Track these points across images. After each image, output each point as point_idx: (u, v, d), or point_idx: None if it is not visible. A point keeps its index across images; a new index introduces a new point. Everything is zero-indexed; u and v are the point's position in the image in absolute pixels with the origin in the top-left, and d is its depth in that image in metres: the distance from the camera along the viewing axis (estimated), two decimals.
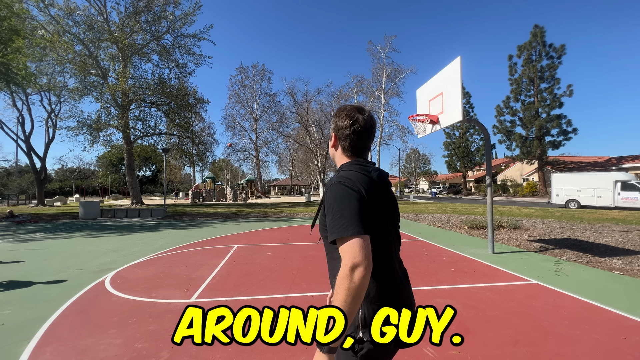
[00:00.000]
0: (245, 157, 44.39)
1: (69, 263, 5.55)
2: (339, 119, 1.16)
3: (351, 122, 1.13)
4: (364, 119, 1.14)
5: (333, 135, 1.20)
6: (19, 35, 14.80)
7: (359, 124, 1.13)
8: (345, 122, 1.14)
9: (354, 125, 1.12)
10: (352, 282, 0.89)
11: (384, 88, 34.86)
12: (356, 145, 1.15)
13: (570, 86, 28.93)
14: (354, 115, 1.14)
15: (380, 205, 1.07)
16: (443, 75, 6.15)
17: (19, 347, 2.55)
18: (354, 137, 1.14)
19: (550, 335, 2.73)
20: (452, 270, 4.93)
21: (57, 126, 22.50)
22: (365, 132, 1.14)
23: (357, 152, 1.17)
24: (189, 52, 23.69)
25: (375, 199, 1.06)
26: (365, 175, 1.08)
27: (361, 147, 1.16)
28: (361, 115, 1.14)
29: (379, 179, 1.11)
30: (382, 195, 1.10)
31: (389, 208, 1.12)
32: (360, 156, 1.17)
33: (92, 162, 60.02)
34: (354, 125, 1.12)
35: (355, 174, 1.08)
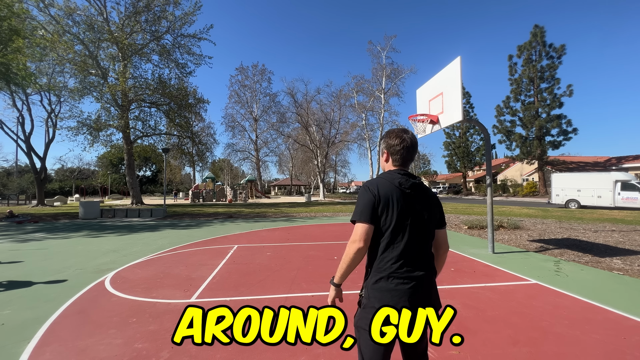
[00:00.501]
0: (245, 157, 44.41)
1: (69, 263, 5.55)
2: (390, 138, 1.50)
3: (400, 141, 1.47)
4: (409, 138, 1.48)
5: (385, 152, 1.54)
6: (19, 35, 14.79)
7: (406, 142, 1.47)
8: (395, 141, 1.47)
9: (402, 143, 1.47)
10: (348, 251, 1.37)
11: (384, 88, 34.84)
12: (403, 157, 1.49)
13: (570, 86, 28.93)
14: (402, 136, 1.48)
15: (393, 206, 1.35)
16: (443, 75, 6.15)
17: (19, 347, 2.55)
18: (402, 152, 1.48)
19: (550, 335, 2.73)
20: (452, 270, 4.93)
21: (57, 126, 22.51)
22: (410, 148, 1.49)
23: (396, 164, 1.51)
24: (189, 52, 23.70)
25: (389, 200, 1.35)
26: (388, 181, 1.40)
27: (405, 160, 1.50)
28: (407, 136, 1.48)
29: (401, 185, 1.39)
30: (403, 200, 1.37)
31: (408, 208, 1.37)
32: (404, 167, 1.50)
33: (92, 162, 60.11)
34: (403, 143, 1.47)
35: (379, 179, 1.44)
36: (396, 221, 1.34)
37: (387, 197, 1.35)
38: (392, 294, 1.33)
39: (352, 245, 1.34)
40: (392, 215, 1.34)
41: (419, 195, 1.42)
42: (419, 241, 1.39)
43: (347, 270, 1.40)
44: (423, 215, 1.40)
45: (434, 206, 1.46)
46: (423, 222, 1.40)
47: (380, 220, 1.36)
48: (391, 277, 1.34)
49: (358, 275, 4.76)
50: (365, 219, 1.34)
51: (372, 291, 1.38)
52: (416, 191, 1.41)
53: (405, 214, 1.36)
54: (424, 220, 1.40)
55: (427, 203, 1.43)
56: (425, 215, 1.41)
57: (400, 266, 1.34)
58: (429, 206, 1.43)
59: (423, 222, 1.40)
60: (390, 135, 1.50)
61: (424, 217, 1.40)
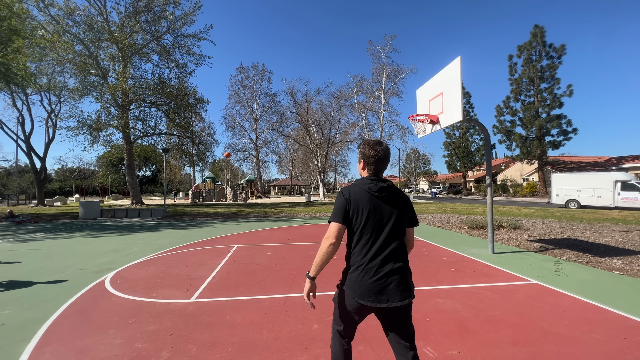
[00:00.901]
0: (245, 157, 44.37)
1: (69, 263, 5.55)
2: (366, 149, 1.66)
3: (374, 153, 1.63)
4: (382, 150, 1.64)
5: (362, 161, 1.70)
6: (19, 35, 14.78)
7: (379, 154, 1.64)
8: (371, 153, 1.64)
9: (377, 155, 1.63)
10: (323, 246, 1.57)
11: (384, 88, 34.83)
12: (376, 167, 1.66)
13: (570, 86, 28.92)
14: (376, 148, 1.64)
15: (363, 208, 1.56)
16: (443, 75, 6.15)
17: (19, 347, 2.55)
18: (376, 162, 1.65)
19: (550, 335, 2.73)
20: (452, 270, 4.93)
21: (57, 126, 22.50)
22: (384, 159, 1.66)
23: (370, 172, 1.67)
24: (189, 52, 23.69)
25: (360, 204, 1.57)
26: (360, 187, 1.61)
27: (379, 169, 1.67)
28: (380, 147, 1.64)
29: (370, 190, 1.58)
30: (372, 203, 1.57)
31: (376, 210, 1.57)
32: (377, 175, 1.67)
33: (92, 162, 60.04)
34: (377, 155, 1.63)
35: (352, 186, 1.65)
36: (365, 221, 1.55)
37: (358, 201, 1.57)
38: (364, 286, 1.53)
39: (326, 242, 1.56)
40: (362, 216, 1.56)
41: (388, 198, 1.61)
42: (388, 238, 1.57)
43: (322, 264, 1.58)
44: (392, 215, 1.59)
45: (405, 207, 1.64)
46: (392, 221, 1.58)
47: (353, 221, 1.58)
48: (363, 270, 1.55)
49: None
50: (338, 220, 1.57)
51: (348, 281, 1.61)
52: (386, 194, 1.60)
53: (374, 215, 1.56)
54: (392, 220, 1.58)
55: (397, 204, 1.62)
56: (394, 215, 1.59)
57: (371, 260, 1.54)
58: (399, 207, 1.62)
59: (392, 221, 1.58)
60: (366, 147, 1.67)
61: (392, 217, 1.59)
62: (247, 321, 3.04)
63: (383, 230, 1.57)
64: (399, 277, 1.55)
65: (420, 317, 3.10)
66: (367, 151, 1.65)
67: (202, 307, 3.41)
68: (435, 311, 3.25)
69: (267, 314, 3.22)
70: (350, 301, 1.59)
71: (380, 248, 1.55)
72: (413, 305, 1.63)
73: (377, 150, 1.63)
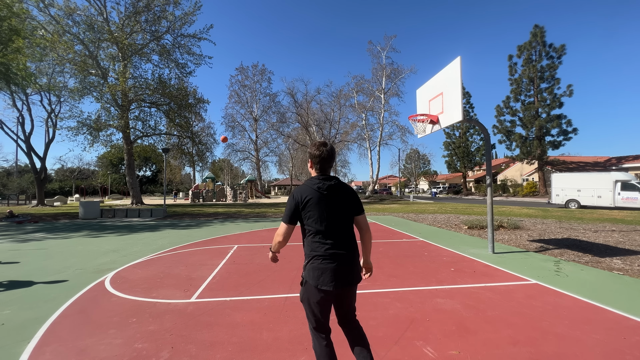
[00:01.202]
0: (245, 157, 44.36)
1: (69, 263, 5.55)
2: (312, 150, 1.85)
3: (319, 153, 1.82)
4: (326, 151, 1.82)
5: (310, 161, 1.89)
6: (19, 35, 14.78)
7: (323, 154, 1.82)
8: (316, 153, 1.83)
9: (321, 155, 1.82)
10: (274, 241, 1.85)
11: (384, 88, 34.84)
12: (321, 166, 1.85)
13: (570, 86, 28.92)
14: (321, 149, 1.83)
15: (314, 205, 1.74)
16: (443, 75, 6.15)
17: (19, 347, 2.55)
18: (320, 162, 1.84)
19: (550, 335, 2.73)
20: (452, 270, 4.93)
21: (57, 126, 22.52)
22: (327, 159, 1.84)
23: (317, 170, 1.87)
24: (189, 52, 23.70)
25: (310, 201, 1.74)
26: (309, 186, 1.78)
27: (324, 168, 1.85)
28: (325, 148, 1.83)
29: (320, 189, 1.76)
30: (321, 199, 1.75)
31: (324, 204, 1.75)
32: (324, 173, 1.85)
33: (92, 162, 60.04)
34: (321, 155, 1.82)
35: (302, 185, 1.82)
36: (316, 216, 1.74)
37: (308, 199, 1.74)
38: (319, 272, 1.71)
39: (276, 238, 1.82)
40: (312, 211, 1.74)
41: (334, 192, 1.79)
42: (337, 228, 1.77)
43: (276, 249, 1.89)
44: (339, 208, 1.78)
45: (350, 199, 1.83)
46: (339, 213, 1.78)
47: (305, 218, 1.77)
48: (318, 258, 1.73)
49: None
50: (286, 221, 1.78)
51: (306, 271, 1.78)
52: (332, 190, 1.78)
53: (323, 208, 1.75)
54: (339, 211, 1.78)
55: (342, 198, 1.81)
56: (340, 208, 1.79)
57: (325, 250, 1.73)
58: (344, 199, 1.81)
59: (339, 212, 1.78)
60: (313, 147, 1.86)
61: (339, 209, 1.79)
62: (247, 321, 3.04)
63: (332, 222, 1.76)
64: (350, 262, 1.78)
65: (420, 317, 3.10)
66: (313, 151, 1.84)
67: (202, 307, 3.41)
68: (435, 311, 3.25)
69: (267, 314, 3.22)
70: (313, 291, 1.73)
71: (331, 238, 1.75)
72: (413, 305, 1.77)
73: (321, 151, 1.82)
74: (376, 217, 13.96)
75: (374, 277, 4.51)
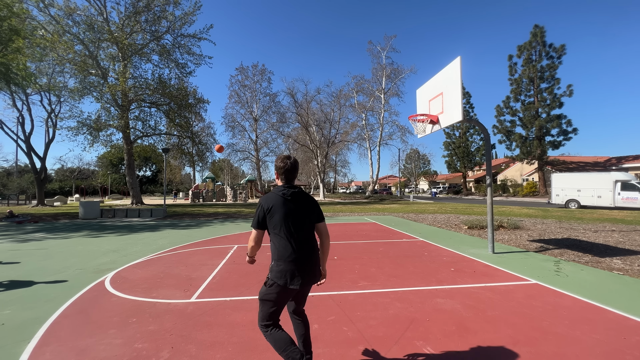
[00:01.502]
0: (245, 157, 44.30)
1: (69, 263, 5.55)
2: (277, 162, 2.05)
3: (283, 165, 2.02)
4: (290, 163, 2.02)
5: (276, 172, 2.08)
6: (19, 35, 14.79)
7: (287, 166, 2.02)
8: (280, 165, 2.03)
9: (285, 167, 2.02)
10: (248, 247, 2.03)
11: (384, 88, 34.85)
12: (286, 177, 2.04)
13: (570, 86, 28.92)
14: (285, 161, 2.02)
15: (279, 210, 1.90)
16: (443, 75, 6.15)
17: (19, 347, 2.55)
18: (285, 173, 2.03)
19: (550, 335, 2.73)
20: (452, 270, 4.93)
21: (57, 126, 22.50)
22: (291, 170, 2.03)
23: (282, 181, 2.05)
24: (189, 52, 23.69)
25: (275, 207, 1.90)
26: (275, 194, 1.95)
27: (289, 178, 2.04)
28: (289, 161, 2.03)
29: (284, 195, 1.93)
30: (285, 206, 1.91)
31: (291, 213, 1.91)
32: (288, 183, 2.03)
33: (92, 162, 60.00)
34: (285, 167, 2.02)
35: (270, 194, 1.99)
36: (281, 220, 1.89)
37: (274, 206, 1.90)
38: (286, 272, 1.86)
39: (250, 244, 2.01)
40: (278, 215, 1.89)
41: (298, 200, 1.96)
42: (300, 232, 1.93)
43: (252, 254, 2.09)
44: (302, 214, 1.95)
45: (312, 207, 2.01)
46: (302, 219, 1.95)
47: (271, 222, 1.91)
48: (283, 260, 1.88)
49: (358, 276, 4.74)
50: (255, 227, 1.94)
51: (272, 273, 1.92)
52: (295, 196, 1.95)
53: (287, 215, 1.90)
54: (302, 218, 1.95)
55: (305, 205, 1.98)
56: (303, 213, 1.95)
57: (291, 252, 1.88)
58: (306, 207, 1.98)
59: (302, 219, 1.95)
60: (278, 160, 2.06)
61: (302, 216, 1.95)
62: (247, 321, 3.04)
63: (296, 226, 1.92)
64: (314, 263, 1.97)
65: (420, 317, 3.10)
66: (278, 163, 2.04)
67: (202, 307, 3.41)
68: (435, 311, 3.25)
69: None
70: (279, 290, 1.89)
71: (296, 241, 1.90)
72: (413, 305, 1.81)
73: (285, 163, 2.02)
74: (376, 217, 13.96)
75: (373, 277, 4.51)
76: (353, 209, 19.12)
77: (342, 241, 7.63)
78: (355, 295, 3.79)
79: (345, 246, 6.96)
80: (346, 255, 6.05)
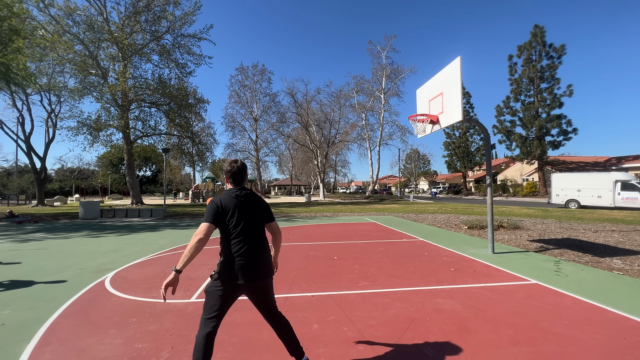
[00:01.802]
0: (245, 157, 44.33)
1: (69, 263, 5.55)
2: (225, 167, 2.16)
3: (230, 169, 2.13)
4: (237, 167, 2.12)
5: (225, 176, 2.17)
6: (19, 35, 14.79)
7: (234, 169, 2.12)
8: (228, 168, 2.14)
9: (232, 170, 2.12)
10: (192, 241, 1.87)
11: (384, 88, 34.86)
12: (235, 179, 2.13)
13: (570, 86, 28.93)
14: (232, 165, 2.13)
15: (233, 211, 1.98)
16: (443, 75, 6.15)
17: (19, 347, 2.55)
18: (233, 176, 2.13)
19: (550, 335, 2.73)
20: (452, 270, 4.93)
21: (57, 126, 22.51)
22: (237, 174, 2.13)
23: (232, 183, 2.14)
24: (189, 52, 23.68)
25: (229, 208, 1.98)
26: (228, 195, 2.04)
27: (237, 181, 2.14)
28: (235, 165, 2.13)
29: (237, 197, 2.03)
30: (239, 206, 2.01)
31: (242, 211, 2.01)
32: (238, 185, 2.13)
33: (92, 162, 60.05)
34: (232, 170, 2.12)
35: (222, 194, 2.06)
36: (236, 220, 1.97)
37: (228, 206, 1.98)
38: (232, 268, 1.93)
39: (195, 237, 1.86)
40: (233, 216, 1.97)
41: (249, 201, 2.07)
42: (253, 232, 2.02)
43: (190, 259, 1.86)
44: (252, 213, 2.05)
45: (262, 208, 2.14)
46: (254, 219, 2.05)
47: (226, 221, 1.96)
48: (234, 257, 1.95)
49: (358, 276, 4.73)
50: (209, 220, 1.92)
51: (220, 267, 1.99)
52: (247, 198, 2.06)
53: (240, 215, 1.99)
54: (254, 218, 2.05)
55: (256, 206, 2.09)
56: (254, 213, 2.06)
57: (242, 249, 1.95)
58: (257, 208, 2.10)
59: (254, 219, 2.05)
60: (225, 164, 2.16)
61: (254, 216, 2.06)
62: (247, 321, 3.04)
63: (248, 225, 2.01)
64: (264, 260, 2.05)
65: (420, 317, 3.10)
66: (226, 167, 2.14)
67: (202, 307, 3.40)
68: (435, 311, 3.25)
69: None
70: (225, 284, 1.95)
71: (248, 239, 1.99)
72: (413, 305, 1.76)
73: (232, 167, 2.12)
74: (376, 217, 13.96)
75: (373, 277, 4.52)
76: (353, 209, 19.12)
77: (342, 241, 7.63)
78: (355, 295, 3.79)
79: (345, 246, 6.96)
80: (346, 255, 6.05)
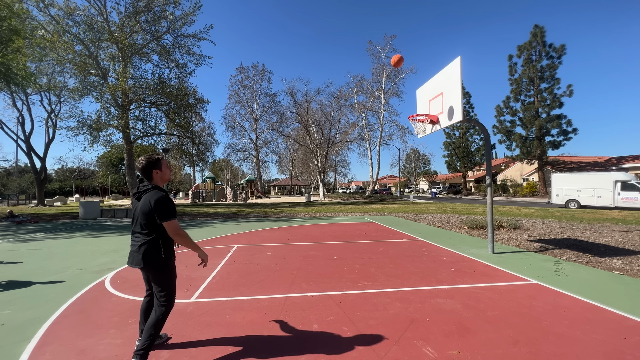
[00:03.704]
0: (245, 157, 44.37)
1: (69, 263, 5.55)
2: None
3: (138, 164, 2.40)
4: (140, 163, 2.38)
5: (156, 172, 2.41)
6: (19, 35, 14.80)
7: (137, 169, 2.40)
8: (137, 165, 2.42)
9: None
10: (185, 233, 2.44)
11: (384, 88, 34.87)
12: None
13: (570, 86, 28.94)
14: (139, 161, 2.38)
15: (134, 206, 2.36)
16: (443, 75, 6.15)
17: (19, 347, 2.55)
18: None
19: (550, 335, 2.73)
20: (452, 270, 4.93)
21: (57, 126, 22.49)
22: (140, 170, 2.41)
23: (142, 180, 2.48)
24: (189, 52, 23.65)
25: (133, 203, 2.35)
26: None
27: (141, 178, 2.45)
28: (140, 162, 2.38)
29: (134, 195, 2.37)
30: (134, 202, 2.39)
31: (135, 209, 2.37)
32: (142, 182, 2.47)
33: (92, 162, 60.07)
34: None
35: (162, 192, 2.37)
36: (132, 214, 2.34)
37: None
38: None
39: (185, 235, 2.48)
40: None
41: (139, 198, 2.32)
42: (137, 225, 2.30)
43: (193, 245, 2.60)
44: (138, 210, 2.29)
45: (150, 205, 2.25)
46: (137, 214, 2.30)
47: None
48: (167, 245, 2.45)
49: (358, 276, 4.74)
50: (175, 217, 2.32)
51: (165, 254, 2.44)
52: (138, 196, 2.34)
53: (133, 209, 2.35)
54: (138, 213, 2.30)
55: (142, 202, 2.27)
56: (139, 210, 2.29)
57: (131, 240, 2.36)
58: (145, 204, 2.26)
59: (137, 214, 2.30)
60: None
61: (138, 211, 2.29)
62: (247, 321, 3.04)
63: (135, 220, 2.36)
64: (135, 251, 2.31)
65: (420, 317, 3.10)
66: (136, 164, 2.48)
67: (202, 307, 3.41)
68: (435, 311, 3.25)
69: (267, 314, 3.22)
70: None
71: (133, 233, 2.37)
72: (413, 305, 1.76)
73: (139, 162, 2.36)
74: (376, 217, 13.96)
75: (373, 277, 4.51)
76: (353, 209, 19.12)
77: (342, 241, 7.63)
78: (355, 295, 3.79)
79: (345, 246, 6.96)
80: (346, 255, 6.05)
